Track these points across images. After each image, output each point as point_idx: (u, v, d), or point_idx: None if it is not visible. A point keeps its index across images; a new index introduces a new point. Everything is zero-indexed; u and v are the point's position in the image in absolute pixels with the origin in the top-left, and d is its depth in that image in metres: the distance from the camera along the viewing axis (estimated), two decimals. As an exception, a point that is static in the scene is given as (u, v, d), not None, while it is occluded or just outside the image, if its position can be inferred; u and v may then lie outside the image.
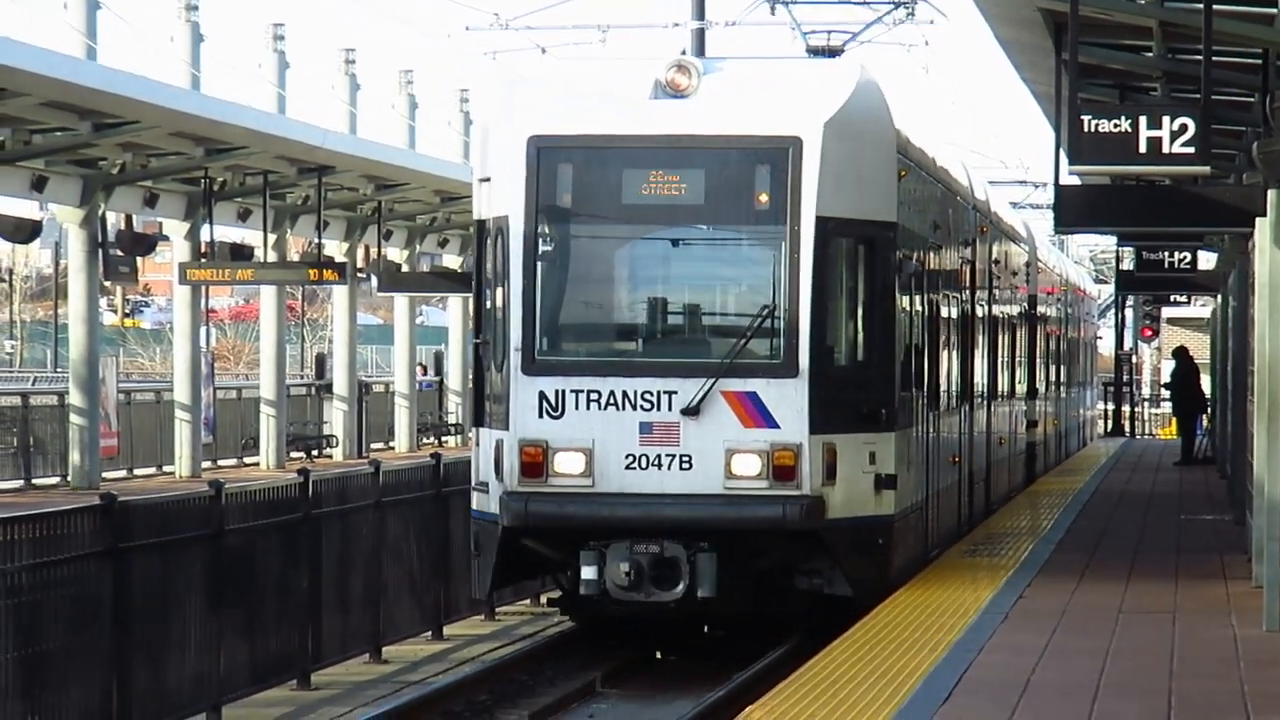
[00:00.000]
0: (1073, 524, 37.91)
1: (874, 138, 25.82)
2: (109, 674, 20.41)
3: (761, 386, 24.49)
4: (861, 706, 18.69)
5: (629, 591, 24.03)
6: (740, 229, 25.56)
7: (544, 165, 24.81)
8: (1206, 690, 19.94)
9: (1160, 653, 22.32)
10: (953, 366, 34.15)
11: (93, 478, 50.23)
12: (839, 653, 21.93)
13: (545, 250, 24.88)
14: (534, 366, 24.63)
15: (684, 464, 24.36)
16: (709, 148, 24.93)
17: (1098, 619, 25.14)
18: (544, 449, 24.50)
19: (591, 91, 25.54)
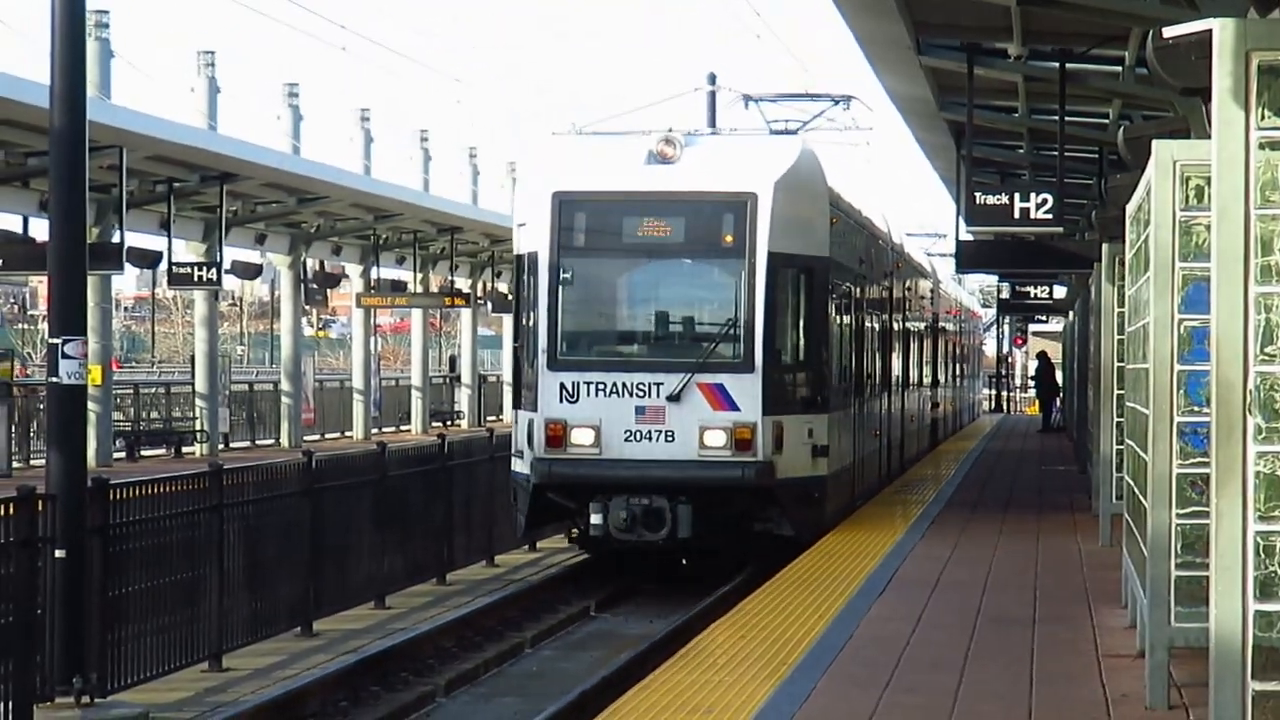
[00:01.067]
0: (966, 473, 37.84)
1: (812, 193, 25.37)
2: (307, 575, 20.41)
3: (727, 379, 23.95)
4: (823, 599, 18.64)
5: (625, 533, 23.66)
6: (711, 261, 25.02)
7: (564, 213, 24.45)
8: (1060, 585, 19.90)
9: (1028, 560, 22.30)
10: (875, 365, 33.03)
11: (296, 440, 50.25)
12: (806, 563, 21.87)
13: (565, 277, 24.34)
14: (556, 364, 24.09)
15: (668, 438, 23.76)
16: (688, 200, 24.55)
17: (985, 536, 25.11)
18: (563, 426, 23.88)
19: (601, 158, 25.09)
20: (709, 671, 14.41)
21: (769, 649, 15.41)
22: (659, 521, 23.62)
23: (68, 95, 16.29)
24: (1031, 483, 36.43)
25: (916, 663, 14.95)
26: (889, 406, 35.53)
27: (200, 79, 48.43)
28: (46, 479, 16.24)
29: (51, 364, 16.52)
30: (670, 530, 23.60)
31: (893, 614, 17.60)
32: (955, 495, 32.21)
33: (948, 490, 32.75)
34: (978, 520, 27.35)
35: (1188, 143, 12.40)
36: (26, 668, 15.19)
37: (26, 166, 34.73)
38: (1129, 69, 23.79)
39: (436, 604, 23.09)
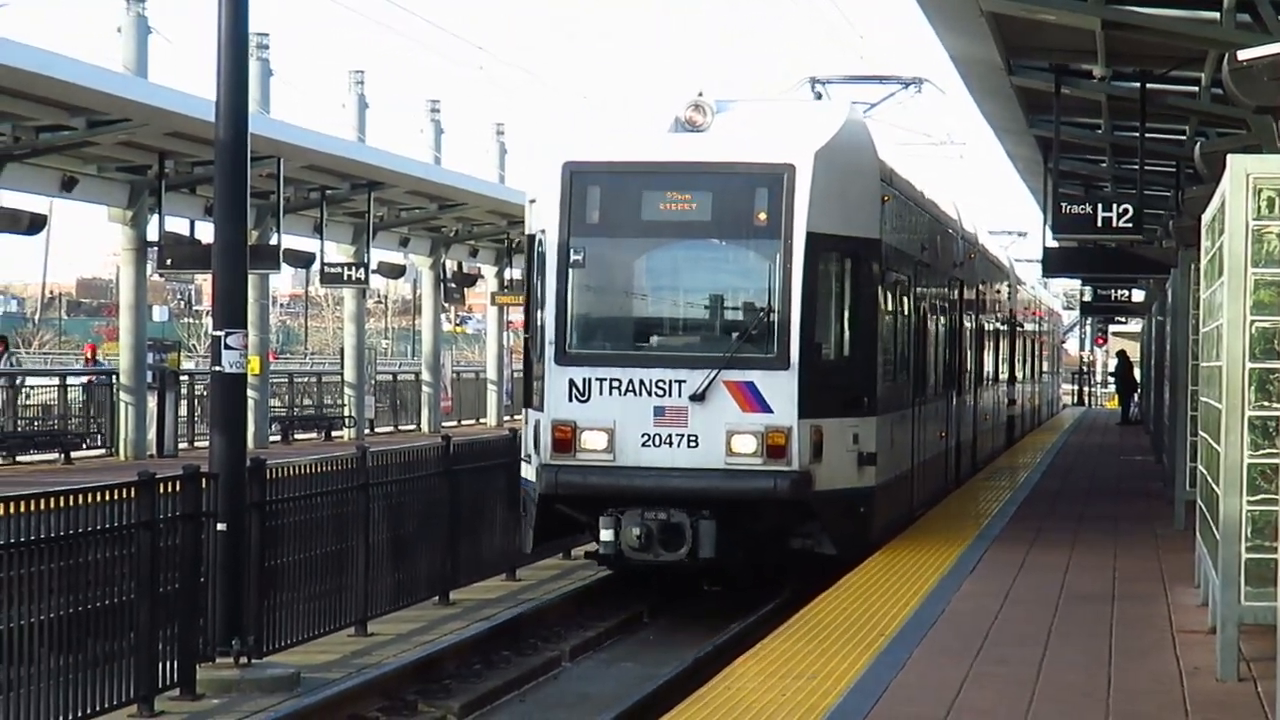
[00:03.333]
0: (1048, 466, 37.52)
1: (859, 167, 20.96)
2: (445, 549, 20.47)
3: (758, 377, 19.70)
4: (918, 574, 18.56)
5: (640, 552, 19.54)
6: (741, 242, 20.47)
7: (576, 186, 20.21)
8: (1138, 566, 19.77)
9: (1107, 544, 22.14)
10: (940, 361, 28.30)
11: (435, 426, 50.45)
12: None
13: (575, 259, 20.13)
14: (565, 358, 19.96)
15: (691, 443, 19.61)
16: (716, 173, 20.11)
17: (1067, 522, 24.95)
18: (573, 428, 19.80)
19: (620, 126, 20.99)
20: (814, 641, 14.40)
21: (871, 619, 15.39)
22: (678, 539, 19.55)
23: (232, 110, 16.44)
24: (1111, 472, 36.14)
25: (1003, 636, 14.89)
26: (957, 406, 30.88)
27: (351, 95, 48.72)
28: (210, 459, 16.39)
29: (215, 355, 16.67)
30: (691, 549, 19.51)
31: (983, 590, 17.53)
32: (1038, 486, 31.95)
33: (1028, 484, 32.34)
34: (1059, 510, 27.11)
35: (1260, 157, 12.28)
36: (190, 630, 15.36)
37: (193, 174, 35.04)
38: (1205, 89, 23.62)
39: (562, 577, 22.98)
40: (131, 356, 36.19)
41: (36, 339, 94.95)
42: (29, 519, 13.65)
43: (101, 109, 29.01)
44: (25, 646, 13.57)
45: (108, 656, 14.54)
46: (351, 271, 43.67)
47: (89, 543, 14.26)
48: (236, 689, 15.66)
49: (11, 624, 13.45)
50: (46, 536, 13.80)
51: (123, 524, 14.78)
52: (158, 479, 15.19)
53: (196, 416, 40.12)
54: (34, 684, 13.62)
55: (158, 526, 15.00)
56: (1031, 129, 30.78)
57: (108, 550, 14.66)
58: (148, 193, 34.90)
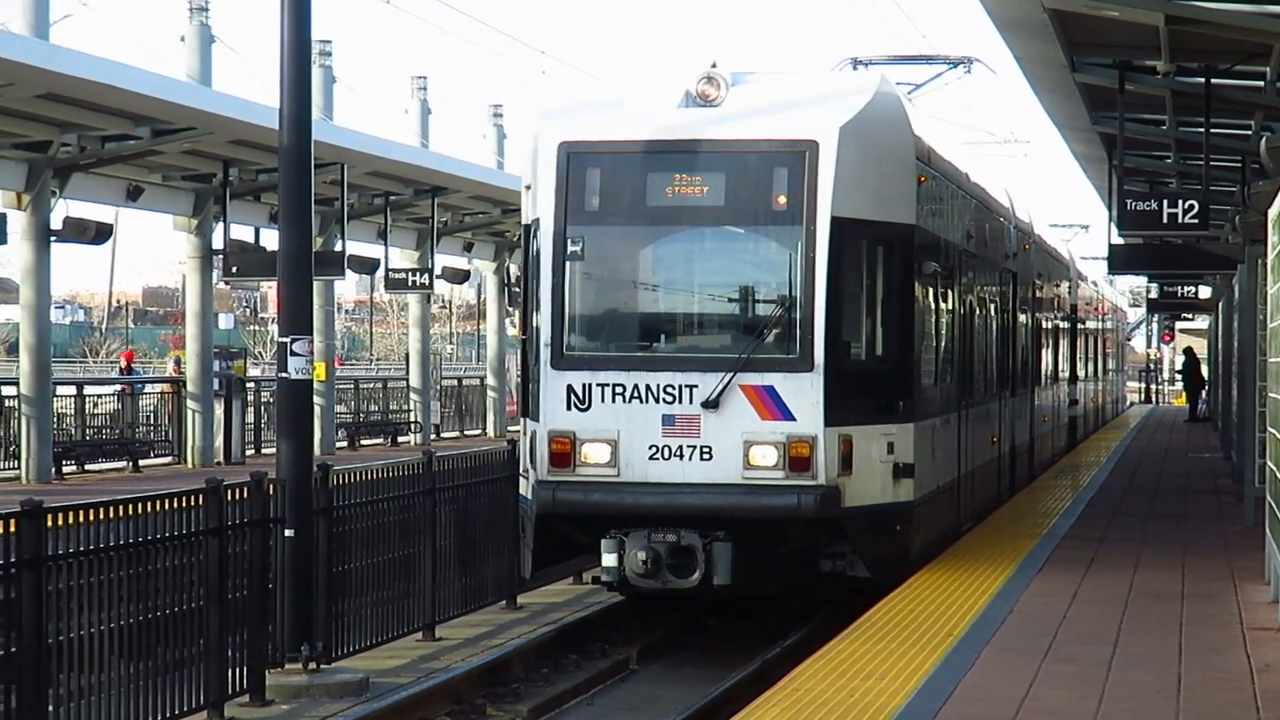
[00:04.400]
0: (1114, 466, 37.34)
1: (891, 144, 18.67)
2: (512, 552, 20.44)
3: (778, 380, 17.55)
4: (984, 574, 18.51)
5: (646, 579, 17.48)
6: (759, 229, 18.22)
7: (574, 169, 18.10)
8: (1207, 563, 19.69)
9: (1175, 540, 22.08)
10: (990, 360, 25.85)
11: (501, 430, 50.54)
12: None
13: (574, 250, 18.05)
14: (562, 361, 17.90)
15: (704, 455, 17.49)
16: (730, 151, 17.95)
17: (1135, 518, 24.88)
18: (572, 440, 17.73)
19: (623, 101, 18.69)
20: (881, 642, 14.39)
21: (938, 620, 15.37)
22: (689, 563, 17.47)
23: (295, 117, 16.52)
24: (1179, 470, 36.00)
25: (1072, 635, 14.85)
26: (1012, 407, 28.47)
27: (414, 101, 48.87)
28: (277, 465, 16.48)
29: (281, 361, 16.75)
30: (704, 575, 17.43)
31: (1051, 589, 17.48)
32: (1105, 485, 31.82)
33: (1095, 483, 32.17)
34: (1126, 508, 27.02)
35: (1327, 151, 12.21)
36: (259, 636, 15.44)
37: (258, 182, 35.21)
38: (1270, 82, 23.49)
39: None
40: (198, 364, 36.36)
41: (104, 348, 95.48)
42: (99, 527, 13.75)
43: (166, 118, 29.18)
44: (97, 653, 13.67)
45: (178, 663, 14.63)
46: (416, 277, 43.82)
47: (158, 550, 14.36)
48: (306, 694, 15.74)
49: (83, 631, 13.55)
50: (116, 544, 13.90)
51: (191, 531, 14.88)
52: (225, 486, 15.28)
53: (263, 423, 40.28)
54: (106, 691, 13.72)
55: (226, 533, 15.09)
56: (1095, 126, 30.63)
57: (177, 557, 14.75)
58: (213, 201, 35.08)
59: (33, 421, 30.84)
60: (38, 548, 12.94)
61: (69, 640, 13.40)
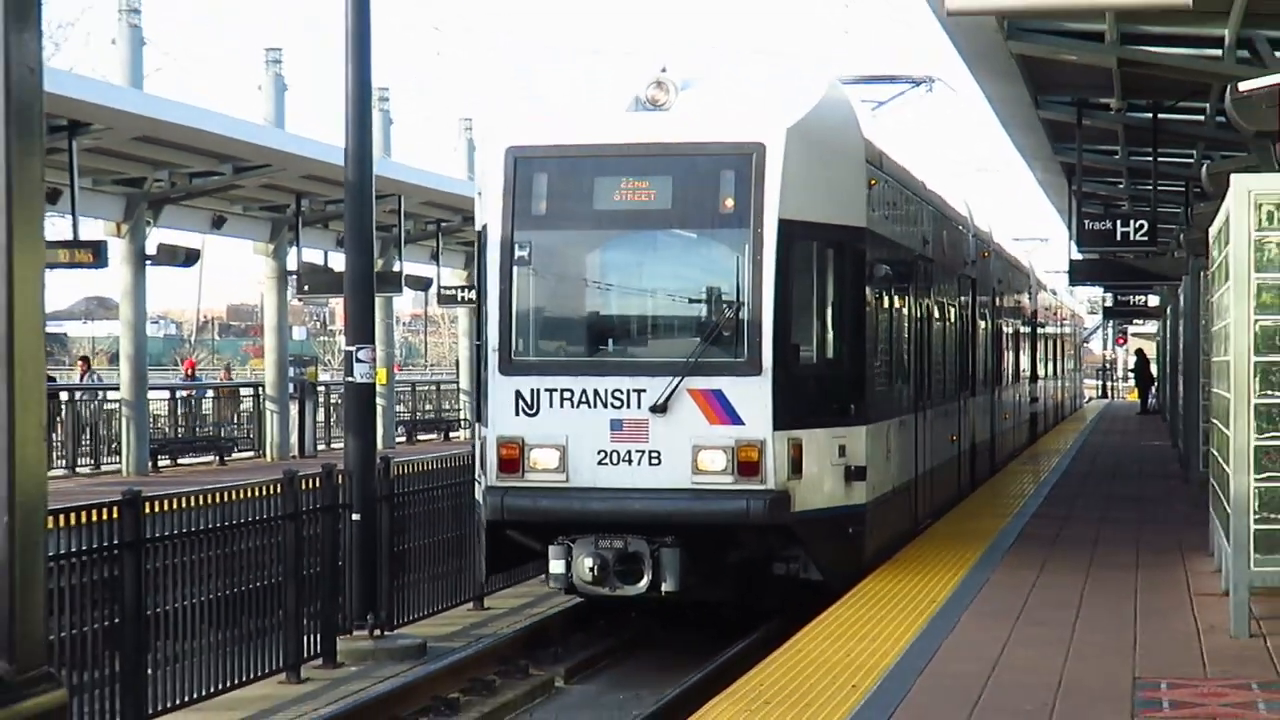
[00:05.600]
0: (1075, 455, 37.22)
1: (839, 145, 16.54)
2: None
3: (727, 384, 15.46)
4: (963, 550, 18.45)
5: (594, 585, 15.51)
6: (706, 232, 16.14)
7: (520, 174, 16.00)
8: (1158, 537, 19.64)
9: (1131, 520, 22.02)
10: (949, 362, 23.51)
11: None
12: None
13: (521, 255, 15.95)
14: (510, 366, 15.84)
15: (653, 460, 15.44)
16: (677, 155, 15.87)
17: (1097, 496, 24.81)
18: (520, 445, 15.68)
19: (574, 106, 16.30)
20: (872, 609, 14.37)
21: (922, 590, 15.34)
22: (637, 570, 15.49)
23: (358, 155, 16.56)
24: (1133, 457, 35.91)
25: (1041, 602, 14.82)
26: (972, 407, 26.24)
27: (460, 140, 48.83)
28: (344, 458, 16.52)
29: (348, 367, 16.80)
30: (651, 581, 15.46)
31: (1021, 563, 17.44)
32: (1068, 471, 31.75)
33: (1059, 469, 32.10)
34: (1088, 490, 26.95)
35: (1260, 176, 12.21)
36: (331, 607, 15.48)
37: (326, 211, 35.25)
38: (1210, 117, 23.44)
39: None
40: (275, 371, 36.45)
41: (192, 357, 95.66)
42: (191, 514, 13.79)
43: (246, 157, 29.24)
44: (190, 624, 13.70)
45: (260, 631, 14.67)
46: (464, 293, 43.72)
47: (242, 533, 14.40)
48: (371, 657, 15.77)
49: (178, 604, 13.59)
50: (205, 528, 13.94)
51: (270, 516, 14.91)
52: (300, 476, 15.31)
53: (332, 422, 40.34)
54: (197, 656, 13.75)
55: (301, 518, 15.12)
56: (1057, 155, 30.61)
57: (258, 539, 14.79)
58: (287, 228, 35.14)
59: (131, 422, 30.96)
60: (137, 531, 12.98)
61: (165, 612, 13.44)
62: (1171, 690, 10.75)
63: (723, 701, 10.64)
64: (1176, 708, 10.23)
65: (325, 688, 14.80)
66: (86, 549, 12.61)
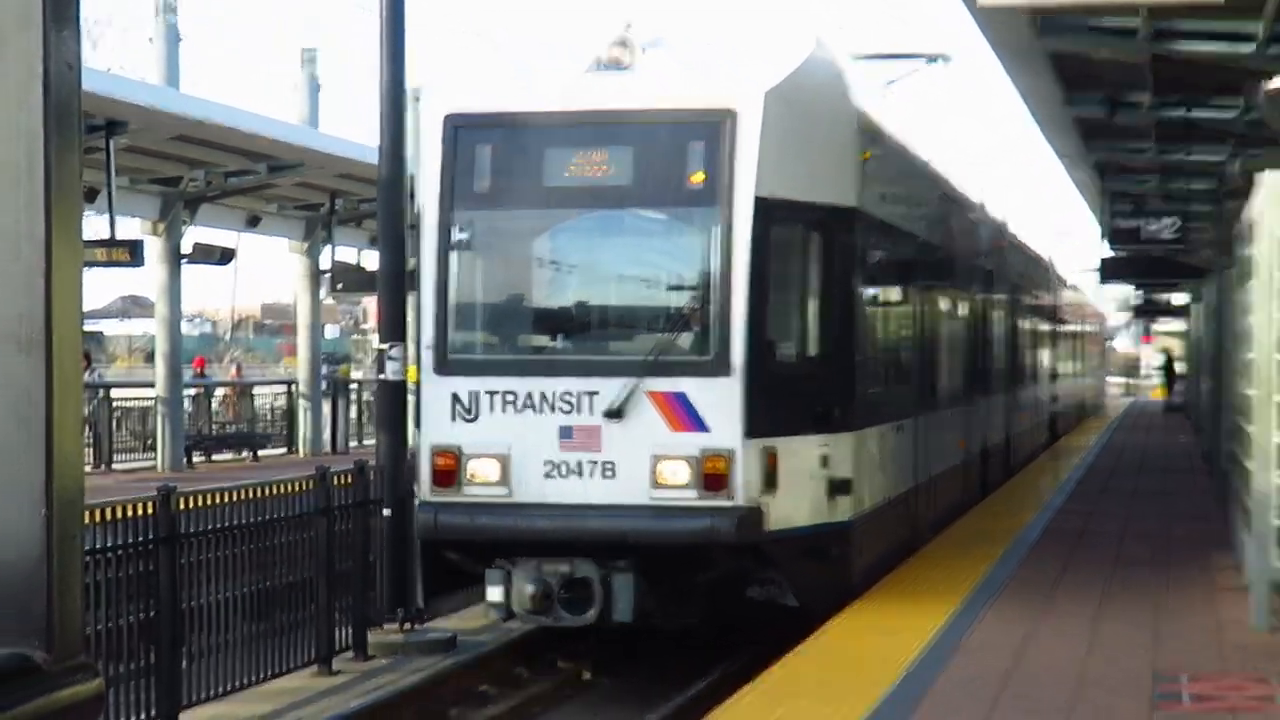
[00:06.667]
0: (1100, 451, 37.06)
1: (826, 113, 14.22)
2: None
3: (691, 386, 13.24)
4: (988, 545, 18.51)
5: (535, 615, 13.61)
6: (671, 212, 13.87)
7: (461, 146, 13.75)
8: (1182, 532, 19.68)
9: (1156, 511, 22.04)
10: (957, 359, 21.42)
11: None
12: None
13: (459, 239, 13.77)
14: (446, 366, 13.86)
15: (606, 472, 13.28)
16: (638, 123, 13.54)
17: (1120, 493, 24.85)
18: (457, 455, 13.70)
19: (524, 69, 14.03)
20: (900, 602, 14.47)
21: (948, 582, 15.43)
22: (585, 598, 13.49)
23: (392, 153, 16.67)
24: (1158, 452, 35.87)
25: (1064, 594, 14.89)
26: (984, 409, 24.10)
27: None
28: (376, 454, 16.66)
29: (380, 365, 16.95)
30: (601, 611, 13.49)
31: (1045, 556, 17.50)
32: (1094, 466, 31.72)
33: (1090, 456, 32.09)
34: (1114, 485, 26.97)
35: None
36: (362, 601, 15.62)
37: (359, 211, 35.40)
38: (1242, 114, 23.44)
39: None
40: (308, 369, 36.65)
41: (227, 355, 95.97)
42: (225, 509, 13.97)
43: (281, 156, 29.42)
44: (224, 617, 13.88)
45: (292, 625, 14.82)
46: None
47: (275, 528, 14.56)
48: (402, 651, 15.90)
49: (212, 598, 13.76)
50: (239, 523, 14.11)
51: (303, 512, 15.06)
52: (332, 473, 15.47)
53: (364, 419, 40.52)
54: (231, 649, 13.93)
55: (333, 513, 15.27)
56: (1089, 154, 30.60)
57: (291, 534, 14.95)
58: (320, 227, 35.33)
59: (166, 419, 31.14)
60: (172, 527, 13.15)
61: (199, 606, 13.61)
62: (1192, 684, 10.83)
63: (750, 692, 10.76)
64: (1196, 701, 10.32)
65: (356, 680, 14.95)
66: (122, 544, 12.80)
